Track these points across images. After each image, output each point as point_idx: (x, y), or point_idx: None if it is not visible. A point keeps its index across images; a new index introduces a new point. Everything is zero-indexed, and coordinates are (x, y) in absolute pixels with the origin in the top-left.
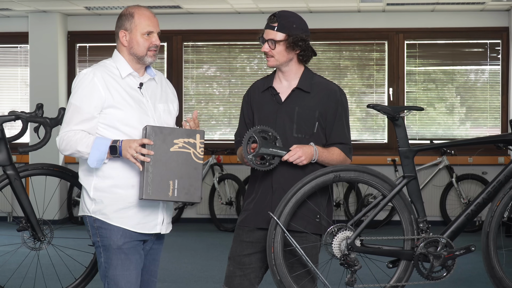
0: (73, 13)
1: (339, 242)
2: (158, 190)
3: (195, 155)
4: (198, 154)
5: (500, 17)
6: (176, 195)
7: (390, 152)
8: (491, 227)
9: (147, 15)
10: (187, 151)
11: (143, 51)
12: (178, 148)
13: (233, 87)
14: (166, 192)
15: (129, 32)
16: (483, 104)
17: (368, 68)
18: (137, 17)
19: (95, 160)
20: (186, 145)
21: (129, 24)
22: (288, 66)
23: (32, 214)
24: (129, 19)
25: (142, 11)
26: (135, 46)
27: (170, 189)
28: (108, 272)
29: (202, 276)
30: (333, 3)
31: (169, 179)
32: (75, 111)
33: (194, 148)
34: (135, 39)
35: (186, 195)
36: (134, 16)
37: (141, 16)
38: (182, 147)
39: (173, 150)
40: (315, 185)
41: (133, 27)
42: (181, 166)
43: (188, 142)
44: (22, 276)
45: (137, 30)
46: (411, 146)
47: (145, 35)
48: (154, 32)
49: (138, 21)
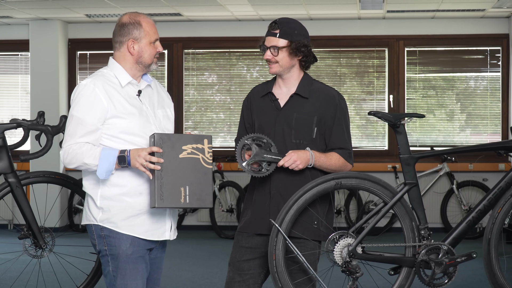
0: (74, 20)
1: (341, 249)
2: (171, 197)
3: (204, 160)
4: (207, 159)
5: (500, 24)
6: (188, 201)
7: (390, 159)
8: (493, 234)
9: (152, 23)
10: (196, 157)
11: (151, 59)
12: (187, 154)
13: (234, 94)
14: (178, 199)
15: (137, 41)
16: (483, 111)
17: (368, 75)
18: (145, 25)
19: (104, 172)
20: (194, 151)
21: (138, 33)
22: (290, 72)
23: (33, 221)
24: (138, 28)
25: (148, 19)
26: (144, 55)
27: (182, 196)
28: (116, 281)
29: (203, 283)
30: (333, 10)
31: (180, 185)
32: (79, 124)
33: (202, 154)
34: (143, 47)
35: (198, 200)
36: (142, 24)
37: (148, 24)
38: (191, 153)
39: (182, 156)
40: (316, 192)
41: (142, 36)
42: (191, 172)
43: (196, 148)
44: (23, 284)
45: (145, 38)
46: (412, 153)
47: (152, 44)
48: (158, 40)
49: (147, 30)
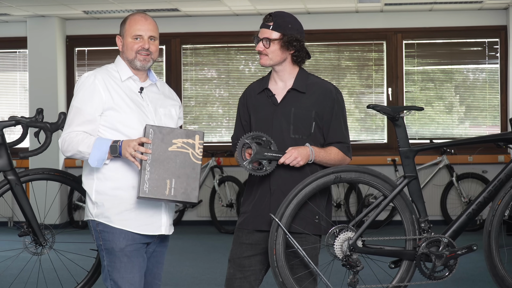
0: (72, 17)
1: (341, 243)
2: (155, 188)
3: (193, 155)
4: (197, 155)
5: (498, 15)
6: (173, 194)
7: (390, 152)
8: (493, 226)
9: (137, 19)
10: (185, 151)
11: (132, 54)
12: (177, 148)
13: (232, 88)
14: (162, 191)
15: (122, 37)
16: (482, 103)
17: (366, 69)
18: (128, 22)
19: (95, 160)
20: (184, 145)
21: (123, 30)
22: (282, 66)
23: (33, 219)
24: (123, 25)
25: (135, 16)
26: (125, 50)
27: (167, 188)
28: (112, 275)
29: (204, 278)
30: (331, 4)
31: (167, 178)
32: (77, 113)
33: (192, 149)
34: (125, 43)
35: (183, 194)
36: (126, 21)
37: (131, 20)
38: (180, 147)
39: (171, 149)
40: (316, 186)
41: (125, 32)
42: (179, 166)
43: (187, 143)
44: (24, 281)
45: (127, 34)
46: (411, 146)
47: (134, 39)
48: (143, 36)
49: (128, 26)
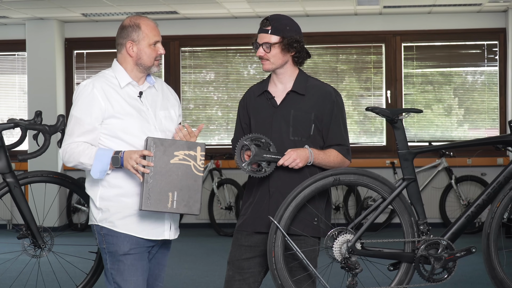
0: (70, 20)
1: (340, 245)
2: (157, 201)
3: (195, 167)
4: (198, 167)
5: (497, 18)
6: (175, 206)
7: (388, 155)
8: (492, 228)
9: (152, 26)
10: (187, 163)
11: (151, 61)
12: (179, 160)
13: (231, 91)
14: (165, 204)
15: (136, 43)
16: (481, 106)
17: (365, 71)
18: (144, 28)
19: (97, 171)
20: (186, 157)
21: (137, 35)
22: (283, 68)
23: (32, 221)
24: (136, 30)
25: (148, 22)
26: (143, 57)
27: (169, 201)
28: (115, 278)
29: (203, 281)
30: (330, 7)
31: (169, 190)
32: (77, 123)
33: (194, 161)
34: (142, 49)
35: (185, 207)
36: (141, 27)
37: (147, 27)
38: (182, 159)
39: (173, 162)
40: (315, 188)
41: (141, 38)
42: (181, 178)
43: (188, 155)
44: (23, 284)
45: (144, 40)
46: (410, 149)
47: (152, 46)
48: (159, 42)
49: (146, 32)
